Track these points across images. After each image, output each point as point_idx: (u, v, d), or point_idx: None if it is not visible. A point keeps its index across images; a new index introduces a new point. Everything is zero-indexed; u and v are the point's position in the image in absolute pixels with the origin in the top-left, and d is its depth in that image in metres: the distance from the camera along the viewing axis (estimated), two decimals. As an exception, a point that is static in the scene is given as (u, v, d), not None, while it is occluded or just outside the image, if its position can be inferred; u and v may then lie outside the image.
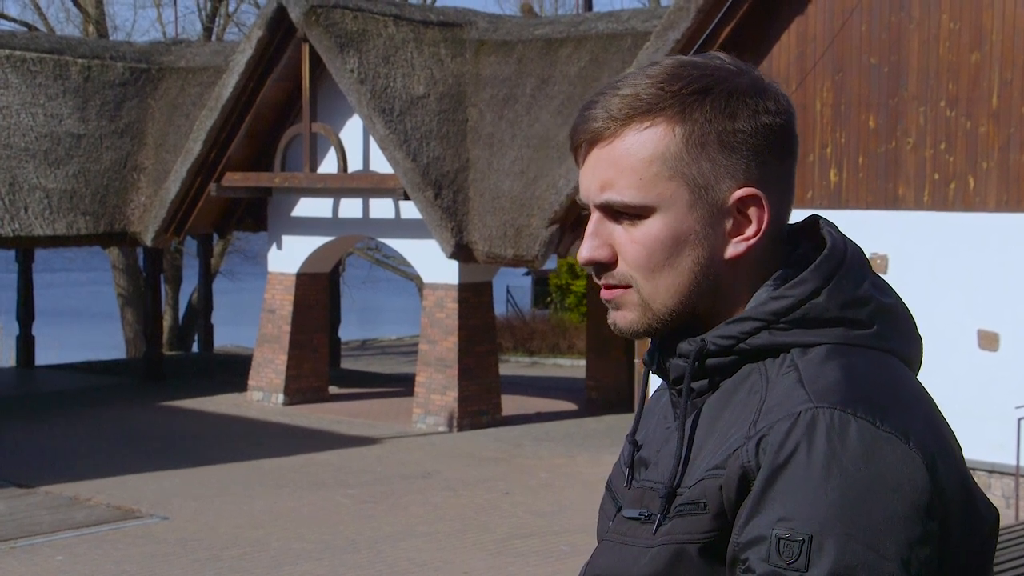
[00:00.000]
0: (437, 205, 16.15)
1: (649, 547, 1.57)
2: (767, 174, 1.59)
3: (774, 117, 1.59)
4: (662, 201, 1.57)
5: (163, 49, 21.59)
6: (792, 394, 1.50)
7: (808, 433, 1.45)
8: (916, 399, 1.54)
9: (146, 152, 20.06)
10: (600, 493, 1.65)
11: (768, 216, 1.58)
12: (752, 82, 1.59)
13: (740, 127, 1.57)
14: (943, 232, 12.36)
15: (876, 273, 1.63)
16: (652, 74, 1.59)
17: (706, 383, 1.61)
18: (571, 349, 26.13)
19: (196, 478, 13.72)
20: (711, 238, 1.58)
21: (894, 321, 1.61)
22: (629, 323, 1.63)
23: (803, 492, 1.43)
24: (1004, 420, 11.66)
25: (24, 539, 11.22)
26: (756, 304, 1.59)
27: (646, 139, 1.57)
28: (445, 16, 18.37)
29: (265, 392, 18.75)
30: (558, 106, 16.61)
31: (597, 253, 1.61)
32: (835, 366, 1.52)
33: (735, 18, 13.19)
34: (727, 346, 1.58)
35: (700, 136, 1.56)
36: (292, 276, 18.70)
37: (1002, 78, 12.07)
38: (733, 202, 1.58)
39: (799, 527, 1.42)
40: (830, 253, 1.60)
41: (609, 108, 1.58)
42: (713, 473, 1.51)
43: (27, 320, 22.82)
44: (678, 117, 1.56)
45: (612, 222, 1.61)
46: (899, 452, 1.45)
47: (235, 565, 10.41)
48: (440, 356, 16.88)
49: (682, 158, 1.56)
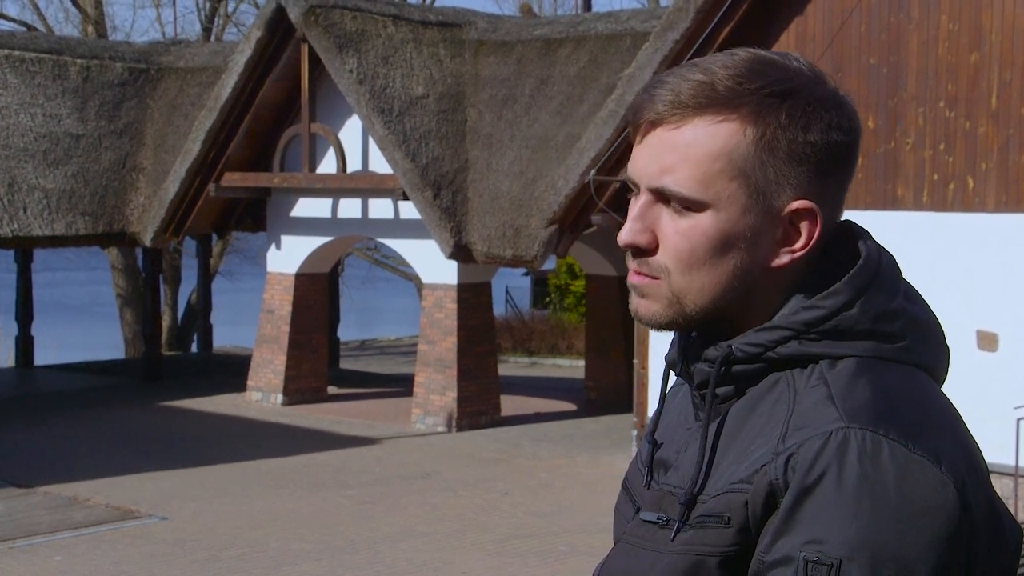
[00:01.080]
0: (436, 205, 16.15)
1: (667, 554, 1.55)
2: (825, 190, 1.56)
3: (844, 135, 1.55)
4: (719, 199, 1.53)
5: (162, 49, 21.59)
6: (822, 410, 1.47)
7: (839, 454, 1.43)
8: (945, 418, 1.52)
9: (145, 152, 20.05)
10: (599, 493, 1.64)
11: (819, 232, 1.55)
12: (830, 95, 1.56)
13: (811, 139, 1.53)
14: (942, 233, 12.36)
15: (908, 282, 1.61)
16: (730, 65, 1.54)
17: (731, 389, 1.58)
18: (570, 349, 26.13)
19: (195, 478, 13.72)
20: (758, 245, 1.55)
21: (924, 334, 1.59)
22: (652, 313, 1.59)
23: (834, 515, 1.41)
24: (1003, 421, 11.66)
25: (23, 539, 11.21)
26: (787, 313, 1.56)
27: (716, 133, 1.53)
28: (444, 16, 18.37)
29: (264, 392, 18.75)
30: (557, 106, 16.60)
31: (639, 237, 1.57)
32: (866, 383, 1.49)
33: (734, 18, 13.19)
34: (755, 354, 1.55)
35: (771, 142, 1.53)
36: (291, 276, 18.70)
37: (1001, 79, 12.07)
38: (787, 213, 1.55)
39: (828, 551, 1.40)
40: (865, 264, 1.57)
41: (680, 92, 1.53)
42: (739, 487, 1.48)
43: (26, 320, 22.82)
44: (752, 117, 1.52)
45: (661, 206, 1.56)
46: (930, 476, 1.43)
47: (234, 565, 10.41)
48: (439, 356, 16.87)
49: (749, 160, 1.53)
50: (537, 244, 15.57)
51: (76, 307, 50.64)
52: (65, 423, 17.15)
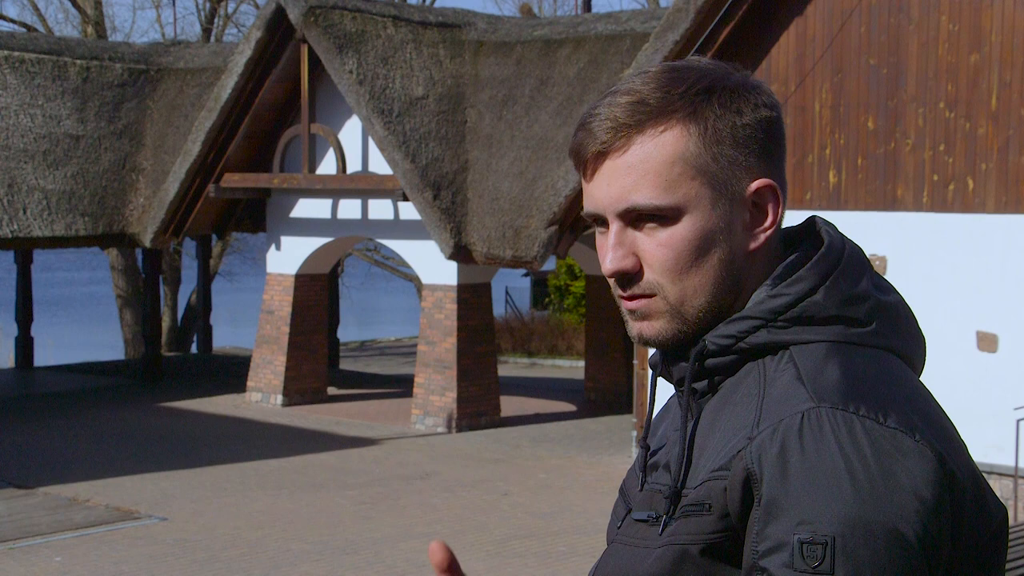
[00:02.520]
0: (436, 206, 16.15)
1: (655, 547, 1.57)
2: (772, 165, 1.62)
3: (770, 111, 1.61)
4: (688, 201, 1.58)
5: (162, 50, 21.59)
6: (793, 392, 1.50)
7: (812, 433, 1.45)
8: (916, 395, 1.54)
9: (145, 153, 20.06)
10: (599, 494, 1.66)
11: (782, 207, 1.61)
12: (743, 79, 1.62)
13: (747, 121, 1.59)
14: (942, 234, 12.36)
15: (877, 272, 1.64)
16: (649, 79, 1.60)
17: (706, 383, 1.61)
18: (570, 350, 26.14)
19: (195, 479, 13.72)
20: (733, 233, 1.59)
21: (894, 319, 1.61)
22: (657, 332, 1.62)
23: (818, 494, 1.42)
24: (1003, 421, 11.66)
25: (23, 540, 11.21)
26: (754, 303, 1.59)
27: (663, 142, 1.57)
28: (444, 17, 18.38)
29: (264, 393, 18.75)
30: (557, 107, 16.61)
31: (624, 263, 1.60)
32: (834, 364, 1.52)
33: (734, 19, 13.19)
34: (726, 345, 1.59)
35: (714, 133, 1.58)
36: (291, 277, 18.70)
37: (1001, 79, 12.07)
38: (750, 195, 1.59)
39: (821, 529, 1.41)
40: (827, 251, 1.60)
41: (616, 117, 1.58)
42: (717, 475, 1.51)
43: (26, 321, 22.82)
44: (690, 117, 1.58)
45: (633, 230, 1.60)
46: (907, 447, 1.45)
47: (234, 566, 10.41)
48: (439, 357, 16.88)
49: (701, 156, 1.58)
50: (537, 245, 15.57)
51: (76, 308, 50.63)
52: (65, 424, 17.15)
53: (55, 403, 19.00)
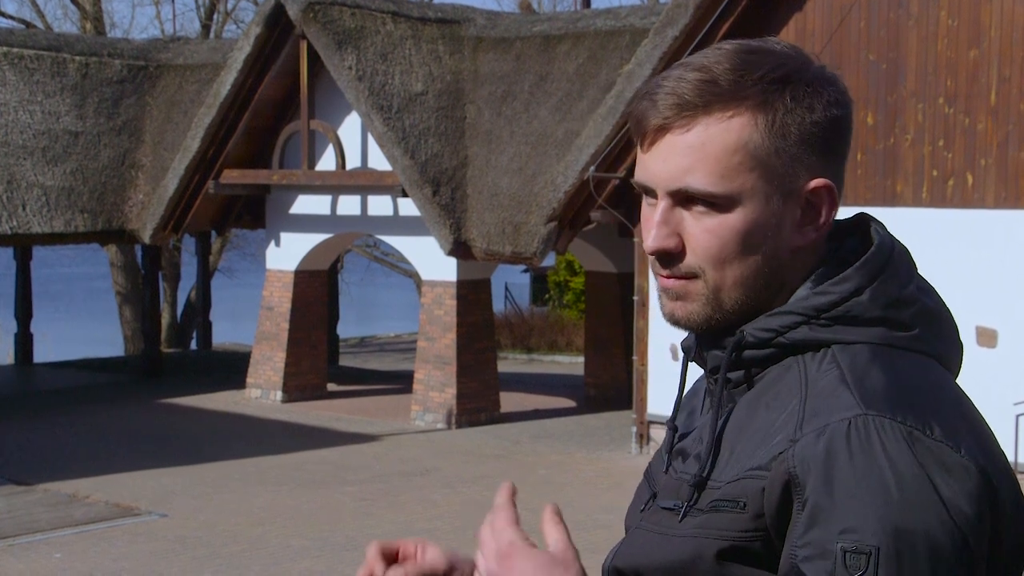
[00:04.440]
0: (435, 202, 16.15)
1: (678, 536, 1.55)
2: (834, 165, 1.59)
3: (842, 109, 1.58)
4: (744, 192, 1.54)
5: (161, 46, 21.57)
6: (838, 396, 1.48)
7: (860, 441, 1.43)
8: (959, 405, 1.52)
9: (144, 149, 20.05)
10: (598, 490, 1.64)
11: (836, 207, 1.58)
12: (821, 72, 1.58)
13: (816, 119, 1.55)
14: (941, 229, 12.36)
15: (922, 276, 1.62)
16: (723, 59, 1.55)
17: (742, 374, 1.59)
18: (569, 346, 26.14)
19: (195, 475, 13.72)
20: (782, 229, 1.56)
21: (936, 325, 1.59)
22: (689, 314, 1.59)
23: (864, 502, 1.41)
24: (1002, 417, 11.67)
25: (23, 537, 11.21)
26: (798, 299, 1.57)
27: (728, 128, 1.54)
28: (443, 13, 18.37)
29: (263, 389, 18.75)
30: (556, 103, 16.60)
31: (667, 242, 1.57)
32: (879, 369, 1.50)
33: (733, 14, 13.19)
34: (765, 339, 1.56)
35: (782, 127, 1.54)
36: (290, 273, 18.70)
37: (1000, 75, 12.07)
38: (805, 193, 1.56)
39: (865, 539, 1.40)
40: (876, 251, 1.58)
41: (683, 94, 1.54)
42: (756, 474, 1.49)
43: (25, 317, 22.82)
44: (760, 107, 1.54)
45: (682, 209, 1.57)
46: (952, 461, 1.44)
47: (234, 562, 10.41)
48: (438, 353, 16.88)
49: (764, 149, 1.54)
50: (536, 241, 15.56)
51: (75, 303, 50.63)
52: (65, 420, 17.15)
53: (55, 399, 19.01)
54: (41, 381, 21.07)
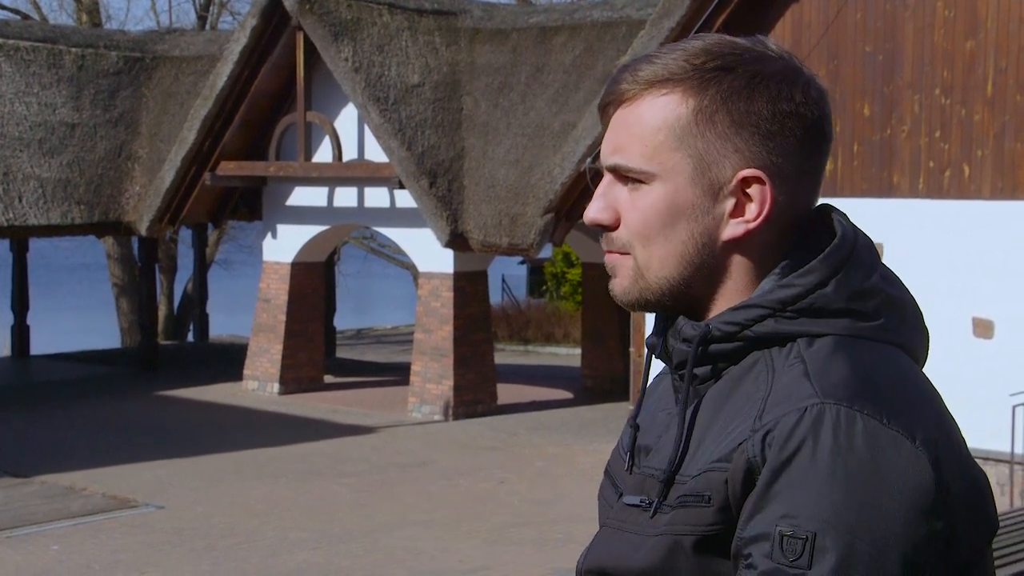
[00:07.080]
0: (432, 194, 16.14)
1: (650, 535, 1.55)
2: (783, 162, 1.56)
3: (798, 107, 1.56)
4: (664, 170, 1.57)
5: (157, 38, 21.54)
6: (799, 387, 1.48)
7: (814, 429, 1.44)
8: (922, 396, 1.52)
9: (140, 141, 20.02)
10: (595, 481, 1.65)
11: (772, 202, 1.56)
12: (783, 69, 1.57)
13: (755, 109, 1.55)
14: (938, 220, 12.37)
15: (885, 265, 1.62)
16: (686, 47, 1.58)
17: (709, 369, 1.59)
18: (566, 338, 26.15)
19: (191, 467, 13.73)
20: (710, 215, 1.57)
21: (901, 314, 1.59)
22: (623, 290, 1.65)
23: (807, 489, 1.42)
24: (999, 408, 11.68)
25: (20, 528, 11.22)
26: (763, 292, 1.57)
27: (659, 107, 1.57)
28: (439, 4, 18.35)
29: (260, 381, 18.75)
30: (553, 94, 16.59)
31: (601, 215, 1.62)
32: (842, 360, 1.50)
33: (730, 6, 13.18)
34: (731, 332, 1.56)
35: (711, 111, 1.55)
36: (287, 265, 18.69)
37: (997, 65, 12.07)
38: (736, 182, 1.56)
39: (803, 524, 1.41)
40: (840, 243, 1.57)
41: (636, 73, 1.59)
42: (718, 466, 1.49)
43: (22, 310, 22.80)
44: (694, 90, 1.56)
45: (622, 186, 1.61)
46: (905, 451, 1.44)
47: (231, 554, 10.42)
48: (436, 345, 16.88)
49: (690, 130, 1.56)
50: (533, 232, 15.56)
51: (72, 296, 50.60)
52: (61, 412, 17.15)
53: (52, 392, 19.00)
54: (38, 373, 21.06)
